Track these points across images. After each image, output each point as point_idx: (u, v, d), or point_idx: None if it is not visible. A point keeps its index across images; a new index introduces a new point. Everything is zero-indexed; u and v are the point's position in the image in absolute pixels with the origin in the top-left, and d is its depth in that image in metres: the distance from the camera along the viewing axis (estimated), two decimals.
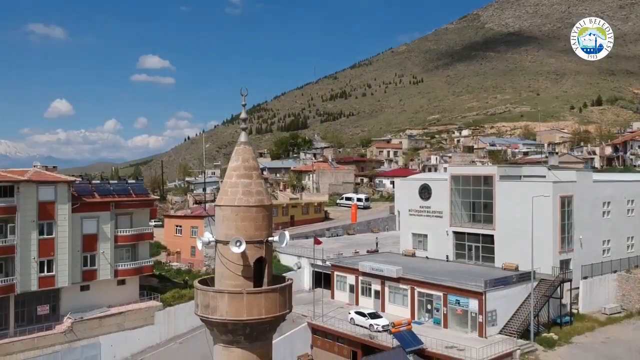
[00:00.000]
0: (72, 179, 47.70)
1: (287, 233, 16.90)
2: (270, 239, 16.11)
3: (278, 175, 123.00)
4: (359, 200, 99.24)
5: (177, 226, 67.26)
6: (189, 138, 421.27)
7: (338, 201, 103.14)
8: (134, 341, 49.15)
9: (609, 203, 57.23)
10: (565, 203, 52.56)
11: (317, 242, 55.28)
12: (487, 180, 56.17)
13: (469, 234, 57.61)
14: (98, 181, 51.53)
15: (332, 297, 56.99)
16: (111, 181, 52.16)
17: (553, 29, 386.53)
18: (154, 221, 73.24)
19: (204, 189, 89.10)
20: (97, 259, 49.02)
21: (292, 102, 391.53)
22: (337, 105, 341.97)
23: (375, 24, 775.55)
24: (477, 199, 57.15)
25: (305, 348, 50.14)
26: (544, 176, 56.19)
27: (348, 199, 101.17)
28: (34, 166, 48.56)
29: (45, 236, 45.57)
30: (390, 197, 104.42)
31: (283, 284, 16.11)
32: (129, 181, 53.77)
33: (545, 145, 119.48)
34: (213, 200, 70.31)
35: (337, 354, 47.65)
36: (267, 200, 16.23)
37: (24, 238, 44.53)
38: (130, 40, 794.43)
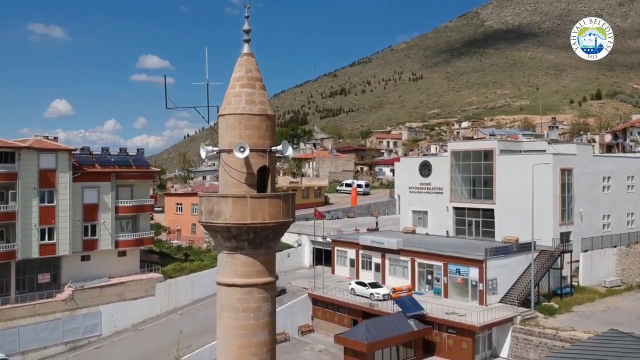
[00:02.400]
0: (73, 147, 47.83)
1: (290, 147, 16.93)
2: (273, 148, 16.19)
3: (278, 164, 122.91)
4: (359, 186, 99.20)
5: (177, 204, 67.24)
6: (188, 135, 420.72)
7: (338, 188, 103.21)
8: (135, 311, 49.22)
9: (609, 178, 57.30)
10: (566, 175, 52.66)
11: (318, 216, 55.30)
12: (488, 154, 56.23)
13: (469, 209, 57.69)
14: (99, 152, 51.52)
15: (333, 272, 57.04)
16: (112, 152, 52.20)
17: (552, 26, 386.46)
18: (154, 207, 73.28)
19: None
20: (97, 229, 49.09)
21: (291, 100, 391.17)
22: (337, 102, 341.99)
23: (375, 25, 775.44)
24: (477, 174, 57.22)
25: (306, 319, 50.21)
26: (544, 150, 56.27)
27: (348, 185, 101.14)
28: (35, 136, 48.59)
29: (46, 204, 45.68)
30: (390, 185, 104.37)
31: (286, 192, 16.20)
32: (130, 153, 53.75)
33: (546, 133, 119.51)
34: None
35: (338, 324, 47.70)
36: (270, 110, 16.29)
37: (25, 205, 44.63)
38: (130, 41, 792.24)
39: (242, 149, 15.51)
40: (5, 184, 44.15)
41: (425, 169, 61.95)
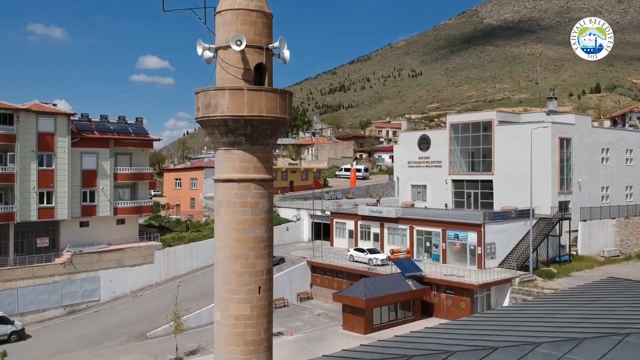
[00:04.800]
0: (72, 112, 47.76)
1: (287, 50, 16.86)
2: (270, 45, 16.20)
3: (277, 151, 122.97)
4: (358, 170, 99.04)
5: (176, 179, 67.17)
6: (187, 133, 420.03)
7: (337, 172, 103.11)
8: (134, 278, 49.21)
9: (607, 150, 57.35)
10: (564, 144, 52.72)
11: (317, 185, 55.30)
12: (486, 126, 56.27)
13: (467, 181, 57.76)
14: (97, 119, 51.51)
15: (332, 244, 57.06)
16: (110, 120, 52.19)
17: (551, 23, 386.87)
18: (153, 192, 73.16)
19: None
20: (96, 195, 49.08)
21: None
22: (336, 98, 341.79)
23: (374, 25, 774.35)
24: (476, 146, 57.24)
25: (304, 286, 50.27)
26: (543, 121, 56.25)
27: (347, 170, 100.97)
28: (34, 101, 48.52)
29: (44, 167, 45.64)
30: (389, 170, 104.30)
31: (283, 89, 16.21)
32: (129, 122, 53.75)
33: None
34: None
35: (337, 290, 47.60)
36: (267, 8, 16.31)
37: (23, 167, 44.61)
38: (130, 41, 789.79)
39: (238, 42, 15.50)
40: (3, 145, 44.12)
41: (424, 143, 62.01)
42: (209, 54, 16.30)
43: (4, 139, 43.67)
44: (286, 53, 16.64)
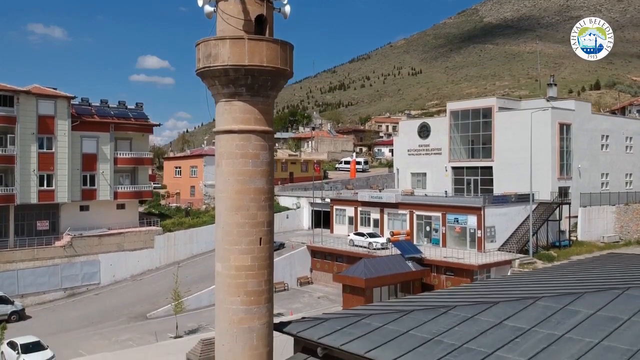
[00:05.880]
0: (72, 95, 47.67)
1: (288, 5, 16.85)
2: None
3: (277, 144, 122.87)
4: (357, 163, 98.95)
5: (176, 167, 67.17)
6: (187, 131, 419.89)
7: (337, 165, 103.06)
8: (134, 262, 49.22)
9: (607, 137, 57.40)
10: (564, 130, 52.75)
11: (317, 172, 55.32)
12: (486, 113, 56.31)
13: (467, 168, 57.79)
14: (97, 103, 51.53)
15: (332, 231, 57.12)
16: (111, 105, 52.20)
17: (551, 21, 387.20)
18: (153, 184, 73.15)
19: None
20: (96, 179, 49.09)
21: (290, 95, 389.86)
22: (336, 96, 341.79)
23: (374, 24, 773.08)
24: (475, 132, 57.27)
25: (304, 271, 50.28)
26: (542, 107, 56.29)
27: (347, 162, 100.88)
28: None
29: (44, 150, 45.65)
30: (388, 164, 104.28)
31: (284, 40, 16.20)
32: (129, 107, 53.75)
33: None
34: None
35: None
36: None
37: (23, 150, 44.63)
38: (129, 41, 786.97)
39: None
40: (4, 127, 44.15)
41: (424, 131, 62.06)
42: (209, 8, 16.29)
43: (4, 120, 43.69)
44: (287, 7, 16.67)
